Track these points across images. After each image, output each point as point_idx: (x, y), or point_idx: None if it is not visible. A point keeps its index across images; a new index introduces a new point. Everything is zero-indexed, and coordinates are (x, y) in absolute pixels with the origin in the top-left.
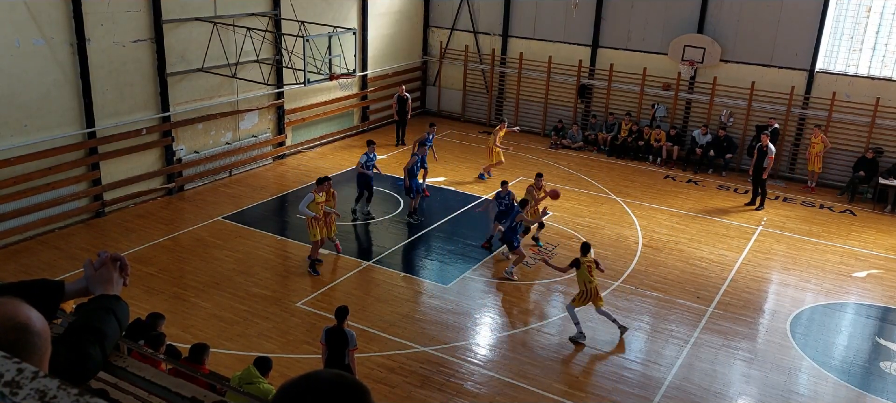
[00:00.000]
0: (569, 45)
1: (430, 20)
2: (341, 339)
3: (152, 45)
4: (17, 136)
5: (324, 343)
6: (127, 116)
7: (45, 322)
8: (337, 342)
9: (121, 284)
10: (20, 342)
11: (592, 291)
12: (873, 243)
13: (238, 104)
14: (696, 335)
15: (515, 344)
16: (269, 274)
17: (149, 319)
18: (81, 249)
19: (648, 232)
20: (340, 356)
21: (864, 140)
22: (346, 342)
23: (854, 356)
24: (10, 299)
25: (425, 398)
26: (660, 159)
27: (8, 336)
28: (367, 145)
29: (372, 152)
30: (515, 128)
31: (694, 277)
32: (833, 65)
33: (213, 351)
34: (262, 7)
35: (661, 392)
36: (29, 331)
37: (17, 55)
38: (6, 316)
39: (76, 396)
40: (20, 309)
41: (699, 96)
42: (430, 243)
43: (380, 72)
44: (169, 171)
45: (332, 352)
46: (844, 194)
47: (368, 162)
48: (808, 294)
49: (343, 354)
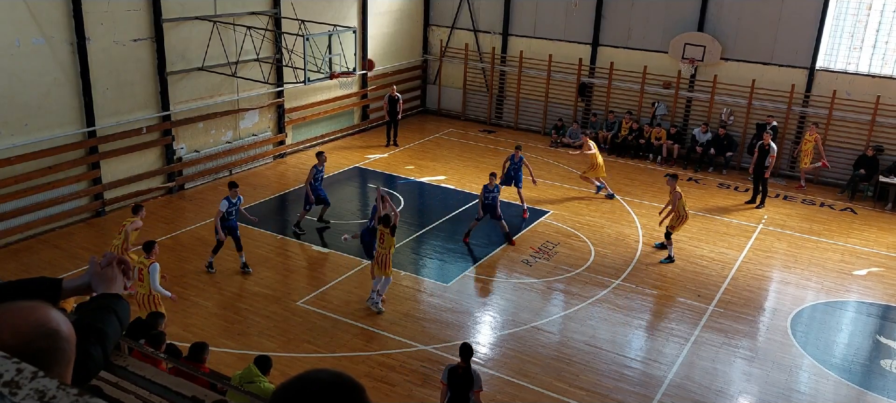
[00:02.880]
0: (569, 43)
1: (430, 19)
2: (466, 380)
3: (152, 44)
4: (18, 136)
5: (444, 383)
6: (127, 115)
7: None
8: (462, 382)
9: (122, 284)
10: (51, 349)
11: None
12: (874, 241)
13: (238, 103)
14: (697, 333)
15: (516, 343)
16: (270, 272)
17: (149, 318)
18: (82, 248)
19: (649, 231)
20: (464, 398)
21: (865, 138)
22: (472, 383)
23: (855, 354)
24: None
25: (426, 396)
26: (660, 157)
27: (39, 344)
28: (317, 157)
29: (321, 165)
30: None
31: (694, 275)
32: (833, 63)
33: (213, 350)
34: (262, 6)
35: (661, 390)
36: (59, 337)
37: (17, 54)
38: (38, 323)
39: (76, 396)
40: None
41: (699, 94)
42: (430, 242)
43: (380, 70)
44: (169, 170)
45: (455, 393)
46: (845, 192)
47: (318, 174)
48: (808, 292)
49: (466, 396)
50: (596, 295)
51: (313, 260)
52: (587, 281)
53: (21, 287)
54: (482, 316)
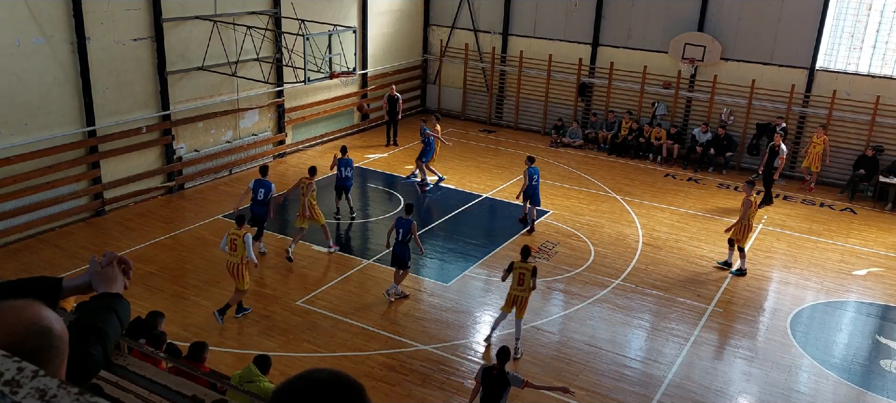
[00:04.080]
0: (569, 43)
1: (430, 18)
2: (501, 382)
3: (152, 44)
4: (18, 135)
5: (478, 381)
6: (127, 115)
7: (64, 324)
8: (496, 384)
9: (123, 283)
10: (43, 348)
11: (518, 299)
12: (874, 241)
13: (238, 102)
14: (697, 333)
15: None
16: (270, 272)
17: (149, 317)
18: (82, 248)
19: (649, 231)
20: (496, 398)
21: (865, 138)
22: (507, 385)
23: (854, 354)
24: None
25: (426, 396)
26: (660, 157)
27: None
28: (260, 171)
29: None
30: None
31: (694, 275)
32: (833, 63)
33: (213, 350)
34: (262, 5)
35: (661, 390)
36: (52, 335)
37: (17, 54)
38: (30, 321)
39: (76, 395)
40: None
41: (699, 94)
42: (430, 242)
43: (380, 70)
44: (169, 170)
45: (488, 393)
46: (845, 192)
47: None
48: (808, 292)
49: (498, 397)
50: (596, 295)
51: (313, 260)
52: (587, 281)
53: (21, 286)
54: (482, 316)
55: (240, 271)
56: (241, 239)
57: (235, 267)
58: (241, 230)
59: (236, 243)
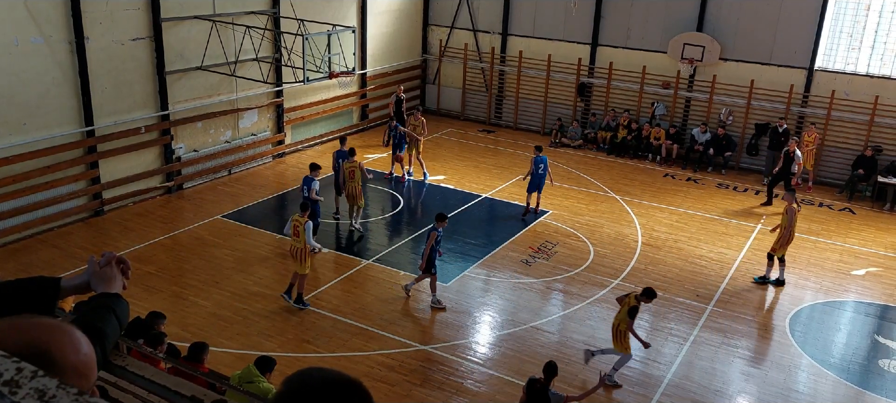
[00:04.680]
0: (568, 43)
1: (429, 18)
2: (542, 397)
3: (151, 44)
4: (16, 135)
5: (524, 391)
6: (126, 115)
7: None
8: (537, 398)
9: (122, 284)
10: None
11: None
12: (872, 241)
13: (237, 102)
14: (696, 333)
15: (515, 342)
16: (269, 272)
17: (148, 318)
18: (80, 248)
19: (648, 231)
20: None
21: (863, 138)
22: (548, 401)
23: (853, 354)
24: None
25: (425, 396)
26: (659, 157)
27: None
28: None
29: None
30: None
31: (693, 275)
32: (832, 63)
33: (212, 350)
34: (261, 5)
35: (660, 390)
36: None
37: (15, 54)
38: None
39: (76, 395)
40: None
41: (698, 94)
42: None
43: (379, 70)
44: (168, 170)
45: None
46: (843, 192)
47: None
48: (807, 292)
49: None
50: (595, 295)
51: (313, 260)
52: (586, 281)
53: (20, 286)
54: (481, 316)
55: (302, 255)
56: (302, 225)
57: (298, 252)
58: (304, 217)
59: (299, 229)
